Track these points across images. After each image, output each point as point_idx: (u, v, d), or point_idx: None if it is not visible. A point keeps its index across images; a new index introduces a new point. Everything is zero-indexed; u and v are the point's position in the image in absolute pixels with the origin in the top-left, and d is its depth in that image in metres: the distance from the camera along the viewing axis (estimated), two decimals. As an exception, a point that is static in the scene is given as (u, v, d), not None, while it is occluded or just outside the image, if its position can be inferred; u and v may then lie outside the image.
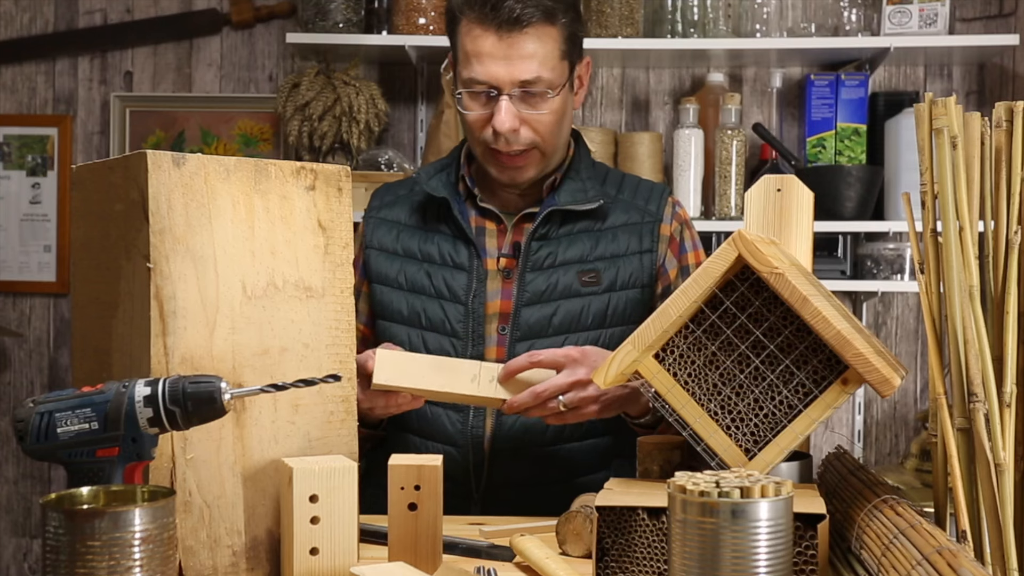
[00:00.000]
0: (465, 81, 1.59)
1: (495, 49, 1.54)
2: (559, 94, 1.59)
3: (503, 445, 1.61)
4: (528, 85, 1.56)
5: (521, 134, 1.58)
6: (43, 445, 0.98)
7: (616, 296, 1.64)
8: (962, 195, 1.06)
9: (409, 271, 1.67)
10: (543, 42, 1.56)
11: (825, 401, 1.15)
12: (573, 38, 1.61)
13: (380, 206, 1.76)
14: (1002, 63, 2.96)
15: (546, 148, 1.62)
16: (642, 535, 1.12)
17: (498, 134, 1.57)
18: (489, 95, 1.57)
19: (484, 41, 1.55)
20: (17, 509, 3.16)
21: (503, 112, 1.56)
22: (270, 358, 1.15)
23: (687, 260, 1.71)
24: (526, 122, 1.58)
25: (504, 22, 1.53)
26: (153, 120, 3.11)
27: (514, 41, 1.54)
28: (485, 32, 1.55)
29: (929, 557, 0.90)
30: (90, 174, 1.16)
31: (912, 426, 2.99)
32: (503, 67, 1.55)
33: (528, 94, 1.57)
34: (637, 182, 1.75)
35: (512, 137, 1.58)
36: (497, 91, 1.56)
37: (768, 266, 1.13)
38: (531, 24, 1.54)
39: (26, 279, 3.16)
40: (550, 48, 1.57)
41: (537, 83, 1.56)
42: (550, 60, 1.57)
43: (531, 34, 1.55)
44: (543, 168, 1.65)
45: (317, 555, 1.09)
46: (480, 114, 1.59)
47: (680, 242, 1.71)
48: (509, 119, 1.56)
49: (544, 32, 1.56)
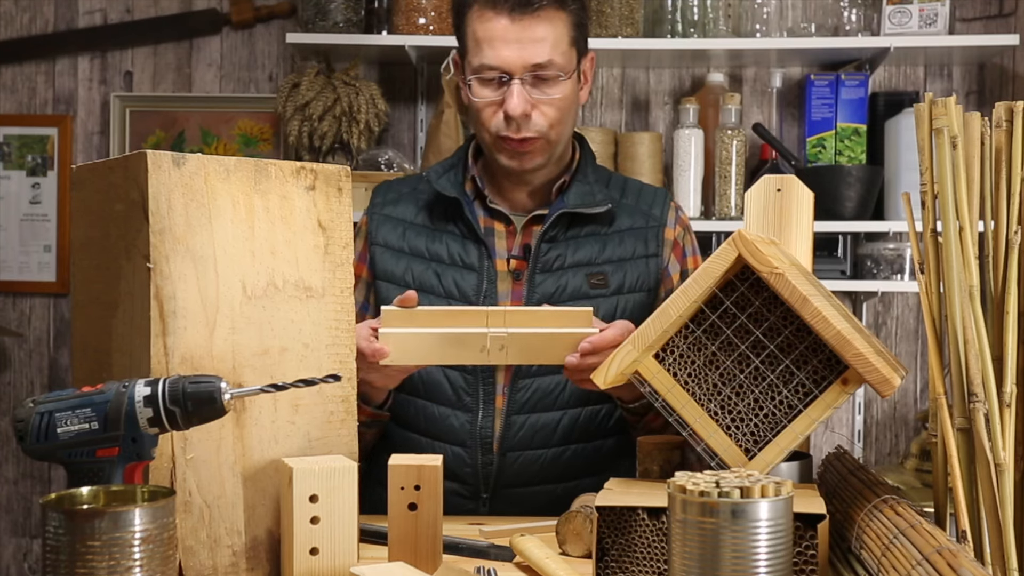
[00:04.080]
0: (476, 68, 1.59)
1: (507, 32, 1.56)
2: (569, 79, 1.60)
3: (512, 445, 1.61)
4: (540, 69, 1.57)
5: (532, 119, 1.59)
6: (43, 445, 0.98)
7: (623, 299, 1.64)
8: (962, 195, 1.06)
9: (416, 270, 1.67)
10: (554, 25, 1.57)
11: (825, 401, 1.15)
12: (580, 27, 1.63)
13: (384, 203, 1.75)
14: (1002, 63, 2.96)
15: (554, 137, 1.62)
16: (642, 535, 1.12)
17: (510, 119, 1.58)
18: (501, 80, 1.58)
19: (496, 24, 1.56)
20: (17, 509, 3.16)
21: (516, 96, 1.56)
22: (270, 358, 1.15)
23: (688, 264, 1.72)
24: (537, 107, 1.59)
25: (517, 5, 1.55)
26: (153, 120, 3.11)
27: (526, 24, 1.55)
28: (497, 16, 1.56)
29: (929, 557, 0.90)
30: (90, 174, 1.16)
31: (912, 426, 2.99)
32: (515, 50, 1.56)
33: (539, 79, 1.58)
34: (640, 187, 1.76)
35: (524, 122, 1.58)
36: (508, 76, 1.57)
37: (768, 266, 1.13)
38: (542, 7, 1.56)
39: (26, 279, 3.16)
40: (561, 32, 1.58)
41: (549, 67, 1.57)
42: (561, 44, 1.58)
43: (543, 17, 1.56)
44: (549, 158, 1.65)
45: (317, 555, 1.09)
46: (491, 100, 1.60)
47: (683, 247, 1.72)
48: (521, 103, 1.57)
49: (555, 16, 1.57)
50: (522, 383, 1.60)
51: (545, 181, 1.69)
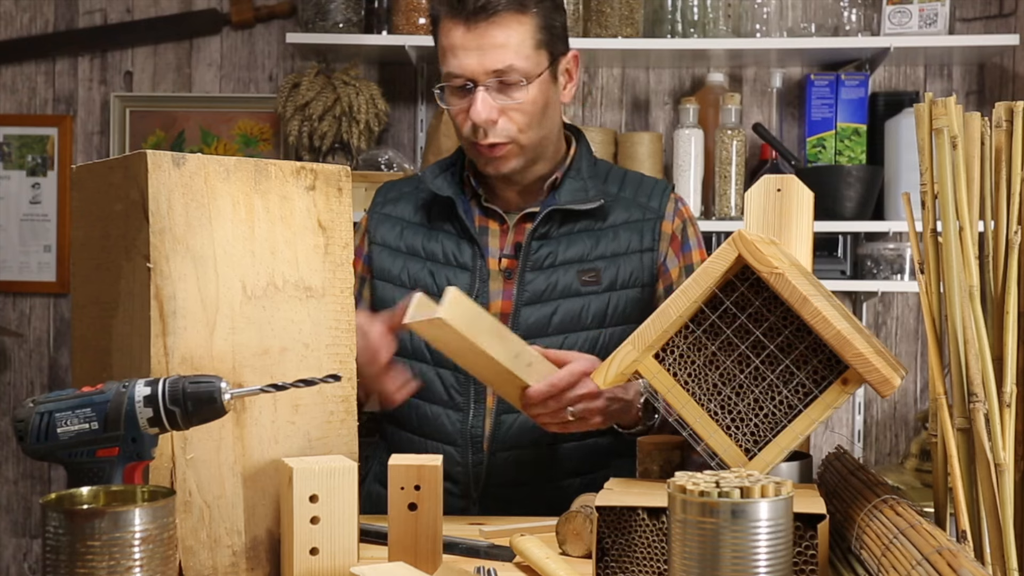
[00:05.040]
0: (444, 76, 1.61)
1: (465, 40, 1.56)
2: (535, 84, 1.59)
3: (502, 444, 1.61)
4: (501, 75, 1.56)
5: (499, 126, 1.59)
6: (43, 445, 0.98)
7: (616, 295, 1.64)
8: (962, 195, 1.06)
9: (412, 269, 1.67)
10: (514, 30, 1.56)
11: (825, 401, 1.15)
12: (550, 28, 1.61)
13: (384, 202, 1.77)
14: (1002, 63, 2.96)
15: (525, 141, 1.61)
16: (642, 535, 1.12)
17: (476, 127, 1.58)
18: (467, 88, 1.58)
19: (455, 33, 1.57)
20: (17, 509, 3.16)
21: (479, 103, 1.56)
22: (270, 358, 1.15)
23: (691, 258, 1.70)
24: (504, 113, 1.58)
25: (471, 13, 1.55)
26: (153, 120, 3.11)
27: (482, 31, 1.55)
28: (455, 25, 1.57)
29: (929, 557, 0.90)
30: (90, 174, 1.16)
31: (912, 426, 2.99)
32: (475, 58, 1.56)
33: (503, 84, 1.57)
34: (639, 179, 1.74)
35: (490, 129, 1.58)
36: (473, 83, 1.57)
37: (768, 266, 1.13)
38: (498, 13, 1.55)
39: (26, 279, 3.16)
40: (522, 37, 1.57)
41: (510, 72, 1.56)
42: (523, 49, 1.57)
43: (499, 23, 1.55)
44: (527, 161, 1.64)
45: (317, 555, 1.09)
46: (460, 108, 1.60)
47: (683, 240, 1.70)
48: (485, 110, 1.56)
49: (514, 20, 1.56)
50: None
51: (537, 179, 1.68)
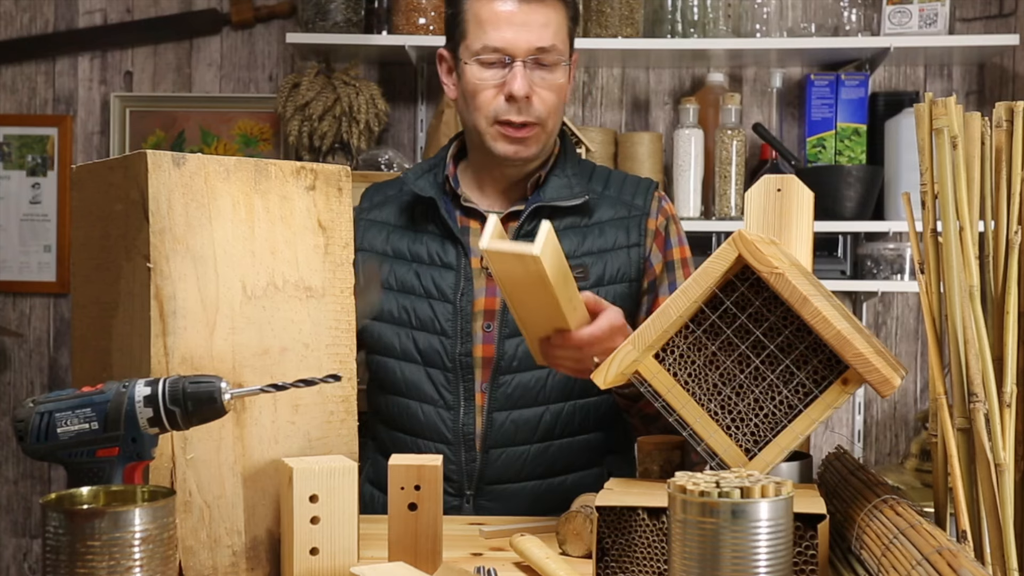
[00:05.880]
0: (476, 50, 1.61)
1: (513, 15, 1.59)
2: (565, 69, 1.64)
3: (494, 442, 1.61)
4: (543, 53, 1.60)
5: (533, 104, 1.61)
6: (43, 445, 0.98)
7: (604, 291, 1.64)
8: (962, 195, 1.06)
9: (399, 272, 1.68)
10: (557, 12, 1.62)
11: (825, 401, 1.15)
12: (574, 21, 1.69)
13: (370, 207, 1.77)
14: (1002, 63, 2.96)
15: (550, 126, 1.65)
16: (642, 535, 1.12)
17: (512, 101, 1.60)
18: (503, 62, 1.60)
19: (502, 6, 1.60)
20: (17, 509, 3.16)
21: (520, 77, 1.59)
22: (270, 358, 1.15)
23: (672, 255, 1.72)
24: (536, 93, 1.61)
25: None
26: (153, 120, 3.11)
27: (533, 8, 1.60)
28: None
29: (929, 557, 0.90)
30: (90, 174, 1.16)
31: (912, 426, 2.99)
32: (522, 33, 1.59)
33: (539, 64, 1.60)
34: (623, 178, 1.76)
35: (524, 106, 1.60)
36: (511, 58, 1.60)
37: (768, 266, 1.13)
38: None
39: (26, 279, 3.16)
40: (561, 21, 1.63)
41: (552, 51, 1.60)
42: (561, 32, 1.63)
43: (548, 3, 1.61)
44: (541, 150, 1.67)
45: (317, 555, 1.09)
46: (491, 83, 1.61)
47: (666, 237, 1.72)
48: (525, 84, 1.59)
49: (557, 4, 1.63)
50: (502, 379, 1.61)
51: (523, 176, 1.69)
